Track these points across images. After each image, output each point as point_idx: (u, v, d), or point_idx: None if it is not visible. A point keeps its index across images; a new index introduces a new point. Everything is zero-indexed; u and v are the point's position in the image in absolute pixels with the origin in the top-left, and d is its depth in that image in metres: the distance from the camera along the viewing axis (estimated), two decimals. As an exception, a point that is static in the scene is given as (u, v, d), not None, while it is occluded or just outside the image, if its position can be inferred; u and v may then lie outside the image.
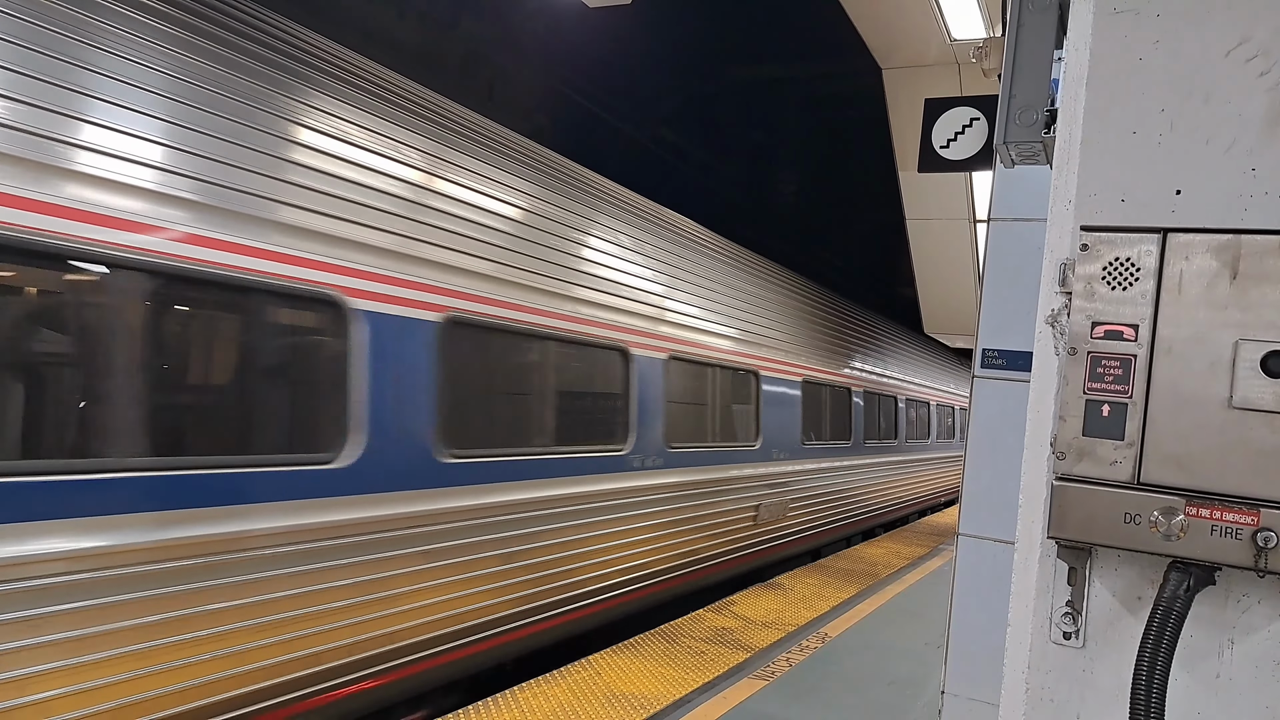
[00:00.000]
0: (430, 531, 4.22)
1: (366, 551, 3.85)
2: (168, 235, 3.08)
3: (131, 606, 2.95)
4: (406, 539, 4.07)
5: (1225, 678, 1.42)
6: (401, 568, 4.04)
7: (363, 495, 3.83)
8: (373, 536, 3.88)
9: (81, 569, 2.80)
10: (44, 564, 2.70)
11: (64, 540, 2.75)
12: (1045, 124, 1.77)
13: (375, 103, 4.22)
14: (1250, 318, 1.36)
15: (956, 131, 5.78)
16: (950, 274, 11.87)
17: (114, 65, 2.98)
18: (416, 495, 4.14)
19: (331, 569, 3.68)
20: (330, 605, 3.68)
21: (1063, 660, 1.53)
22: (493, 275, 4.72)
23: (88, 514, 2.82)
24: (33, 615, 2.68)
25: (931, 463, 15.19)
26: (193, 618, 3.15)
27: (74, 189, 2.80)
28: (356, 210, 3.87)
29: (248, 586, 3.33)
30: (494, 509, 4.66)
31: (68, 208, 2.78)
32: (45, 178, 2.73)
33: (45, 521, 2.71)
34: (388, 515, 3.95)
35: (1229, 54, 1.42)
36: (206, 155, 3.23)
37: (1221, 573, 1.39)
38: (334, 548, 3.69)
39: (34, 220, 2.69)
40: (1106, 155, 1.50)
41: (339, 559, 3.71)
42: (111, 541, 2.88)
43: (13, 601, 2.63)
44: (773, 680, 4.86)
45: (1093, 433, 1.45)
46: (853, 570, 8.51)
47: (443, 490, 4.30)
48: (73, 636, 2.78)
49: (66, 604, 2.76)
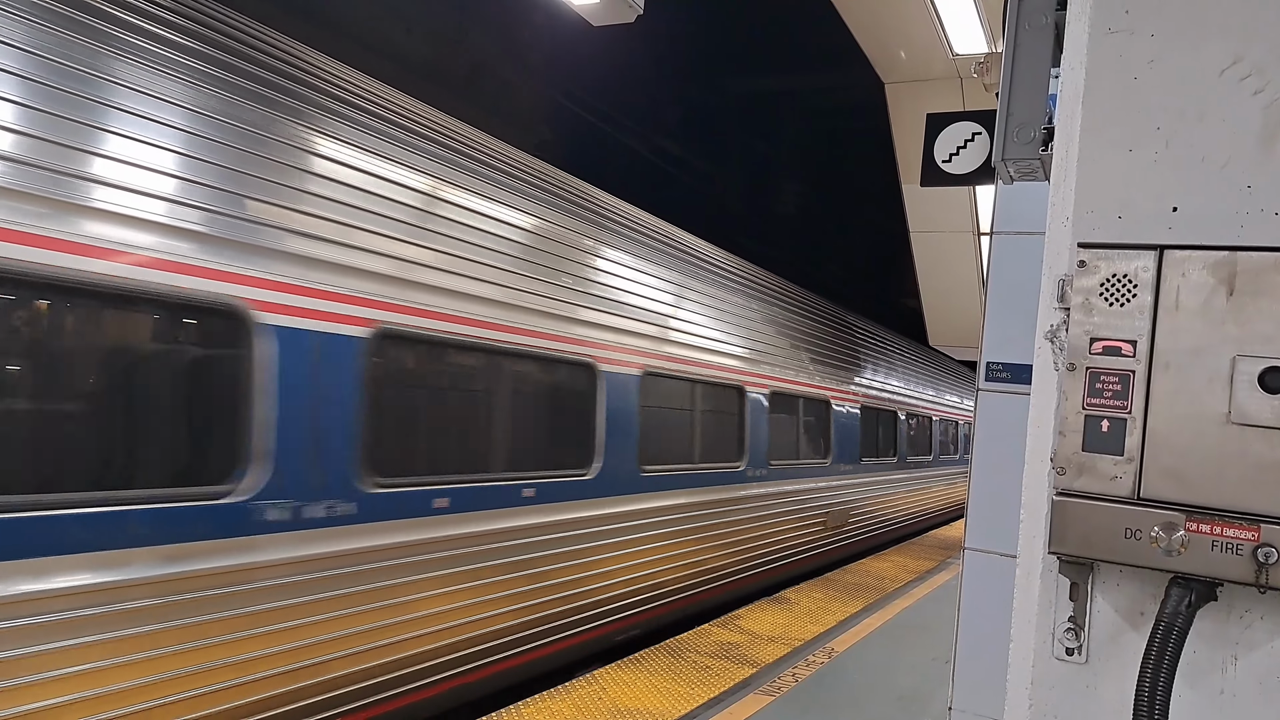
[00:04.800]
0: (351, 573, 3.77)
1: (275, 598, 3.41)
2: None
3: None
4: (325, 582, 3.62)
5: (1229, 694, 1.42)
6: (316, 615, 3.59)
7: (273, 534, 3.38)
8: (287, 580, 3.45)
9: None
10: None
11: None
12: (1043, 141, 1.79)
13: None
14: (1247, 333, 1.37)
15: (959, 146, 5.81)
16: (955, 286, 11.88)
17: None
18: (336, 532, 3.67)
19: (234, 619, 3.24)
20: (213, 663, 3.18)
21: (1066, 676, 1.53)
22: (431, 284, 4.26)
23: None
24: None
25: (958, 476, 16.15)
26: (52, 683, 2.67)
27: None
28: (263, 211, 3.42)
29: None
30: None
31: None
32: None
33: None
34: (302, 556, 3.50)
35: (1223, 73, 1.44)
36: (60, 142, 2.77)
37: (1223, 588, 1.39)
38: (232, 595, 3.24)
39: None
40: (1103, 172, 1.52)
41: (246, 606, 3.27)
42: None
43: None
44: (778, 696, 4.83)
45: (1092, 448, 1.46)
46: (859, 584, 8.46)
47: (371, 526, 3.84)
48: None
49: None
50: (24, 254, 2.68)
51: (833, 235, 29.11)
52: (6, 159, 2.68)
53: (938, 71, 8.39)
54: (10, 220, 2.66)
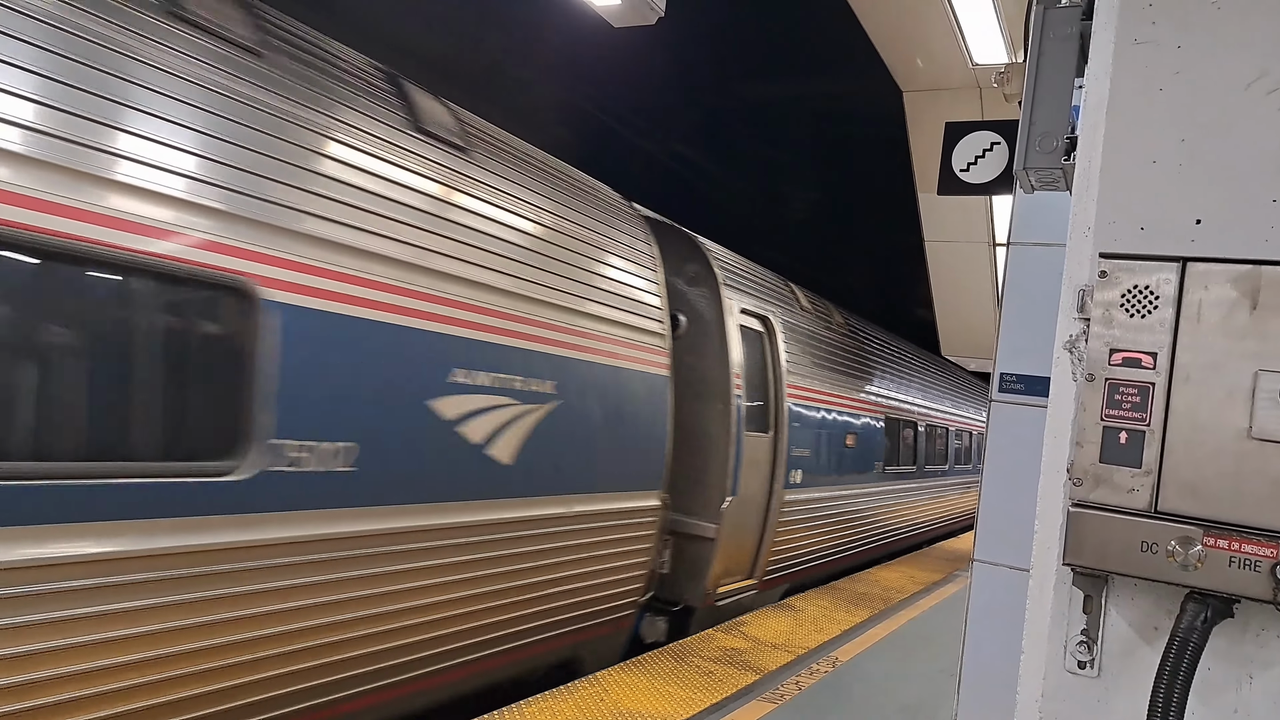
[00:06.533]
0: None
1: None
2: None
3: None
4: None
5: (1243, 713, 1.40)
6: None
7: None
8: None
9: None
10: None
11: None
12: (1065, 151, 1.78)
13: None
14: (1270, 348, 1.36)
15: (977, 155, 5.79)
16: (969, 297, 11.83)
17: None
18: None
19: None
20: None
21: (1077, 689, 1.52)
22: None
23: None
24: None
25: (972, 485, 16.60)
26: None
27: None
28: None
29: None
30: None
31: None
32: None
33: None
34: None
35: (1249, 86, 1.43)
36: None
37: (1240, 605, 1.38)
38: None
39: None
40: (1126, 184, 1.51)
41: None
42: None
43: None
44: (781, 703, 4.82)
45: (1110, 460, 1.45)
46: (866, 594, 8.42)
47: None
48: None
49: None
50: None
51: (847, 242, 29.07)
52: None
53: (957, 81, 8.36)
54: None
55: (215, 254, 3.06)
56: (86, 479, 2.70)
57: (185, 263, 2.98)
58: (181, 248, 2.97)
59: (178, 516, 2.94)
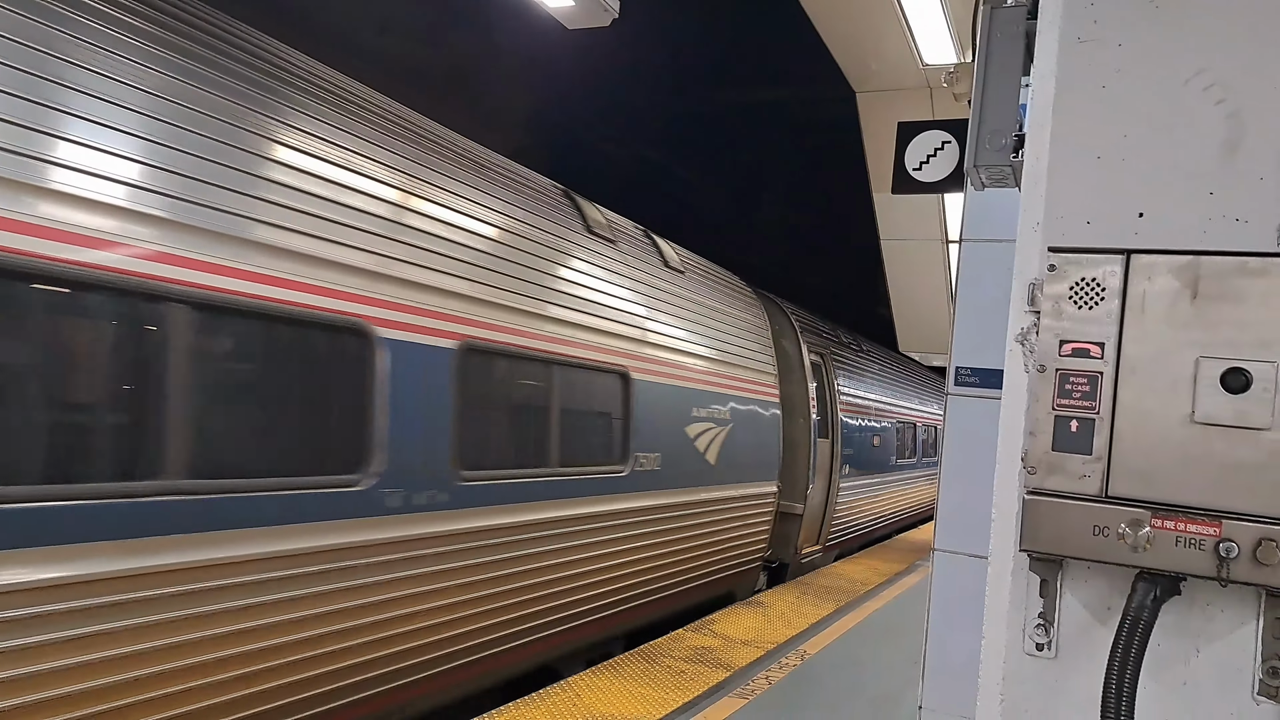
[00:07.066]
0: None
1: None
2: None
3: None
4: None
5: (1192, 684, 1.46)
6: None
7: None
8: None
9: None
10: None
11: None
12: (1014, 148, 1.83)
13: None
14: (1210, 336, 1.41)
15: (929, 154, 5.91)
16: (924, 293, 12.07)
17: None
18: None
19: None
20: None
21: (1036, 671, 1.56)
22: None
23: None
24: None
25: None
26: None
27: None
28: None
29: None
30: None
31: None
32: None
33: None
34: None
35: (1187, 82, 1.48)
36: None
37: (1187, 582, 1.43)
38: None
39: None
40: (1072, 179, 1.56)
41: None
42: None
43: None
44: (752, 699, 4.85)
45: (1062, 448, 1.49)
46: (832, 587, 8.53)
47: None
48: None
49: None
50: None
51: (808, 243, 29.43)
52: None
53: (908, 81, 8.52)
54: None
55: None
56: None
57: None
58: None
59: None
